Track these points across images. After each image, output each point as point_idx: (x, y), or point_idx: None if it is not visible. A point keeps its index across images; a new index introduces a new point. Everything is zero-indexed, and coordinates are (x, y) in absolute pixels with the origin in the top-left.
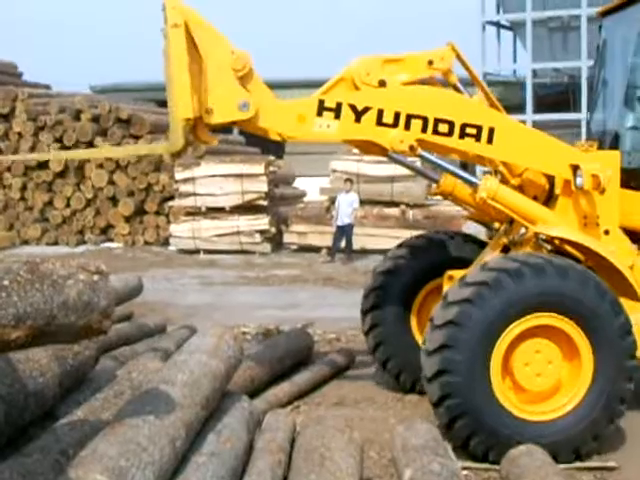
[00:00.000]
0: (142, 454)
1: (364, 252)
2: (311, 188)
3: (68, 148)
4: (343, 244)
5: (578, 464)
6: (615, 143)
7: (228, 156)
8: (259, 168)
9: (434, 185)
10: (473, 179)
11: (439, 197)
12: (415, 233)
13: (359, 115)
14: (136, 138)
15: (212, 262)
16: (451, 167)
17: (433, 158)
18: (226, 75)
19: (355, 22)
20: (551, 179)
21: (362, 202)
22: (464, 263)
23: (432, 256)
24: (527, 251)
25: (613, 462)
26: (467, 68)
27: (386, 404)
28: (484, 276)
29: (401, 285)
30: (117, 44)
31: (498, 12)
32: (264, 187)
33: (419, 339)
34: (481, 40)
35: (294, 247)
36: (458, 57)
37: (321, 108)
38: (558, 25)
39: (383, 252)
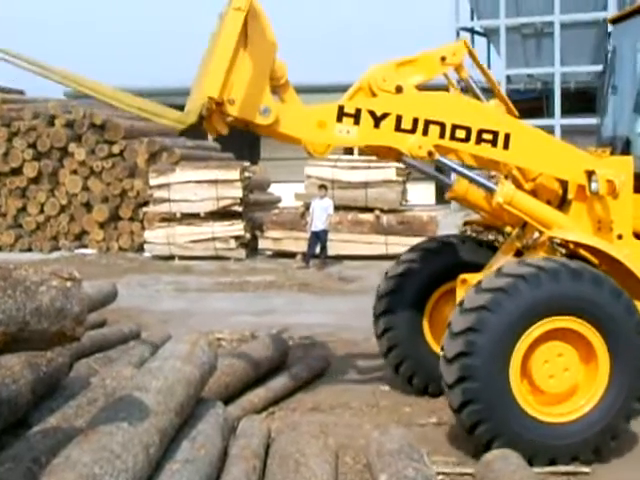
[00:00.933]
0: (115, 461)
1: (339, 258)
2: (286, 194)
3: (42, 154)
4: (318, 250)
5: (552, 468)
6: (626, 148)
7: (203, 162)
8: (234, 174)
9: (447, 189)
10: (490, 184)
11: (410, 202)
12: (390, 238)
13: (378, 121)
14: (111, 144)
15: (187, 268)
16: (468, 172)
17: (451, 163)
18: (261, 76)
19: (322, 27)
20: (564, 184)
21: (337, 208)
22: (475, 267)
23: (443, 260)
24: (541, 255)
25: (587, 467)
26: (480, 67)
27: (361, 410)
28: (500, 282)
29: (413, 289)
30: (92, 49)
31: (472, 18)
32: (239, 193)
33: (431, 342)
34: None
35: (269, 253)
36: (470, 53)
37: (341, 114)
38: (531, 31)
39: (358, 258)
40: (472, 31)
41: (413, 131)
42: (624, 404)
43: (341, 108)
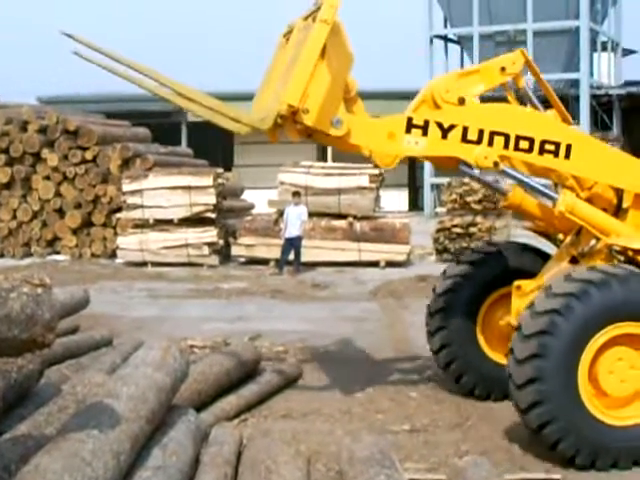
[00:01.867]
0: (86, 469)
1: (312, 264)
2: (259, 200)
3: (14, 159)
4: (291, 256)
5: (524, 475)
6: None
7: (176, 168)
8: (207, 180)
9: (502, 197)
10: (551, 193)
11: (383, 209)
12: (363, 245)
13: (445, 132)
14: (84, 149)
15: (160, 275)
16: (531, 182)
17: (515, 173)
18: (336, 88)
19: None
20: (619, 192)
21: (310, 214)
22: (525, 274)
23: (493, 268)
24: (599, 263)
25: (558, 475)
26: (537, 76)
27: (333, 416)
28: (571, 287)
29: (466, 294)
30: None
31: (445, 26)
32: (212, 199)
33: (482, 345)
34: (429, 54)
35: (242, 260)
36: (527, 63)
37: (410, 126)
38: (504, 39)
39: (331, 264)
40: (445, 39)
41: (479, 142)
42: None
43: (410, 120)
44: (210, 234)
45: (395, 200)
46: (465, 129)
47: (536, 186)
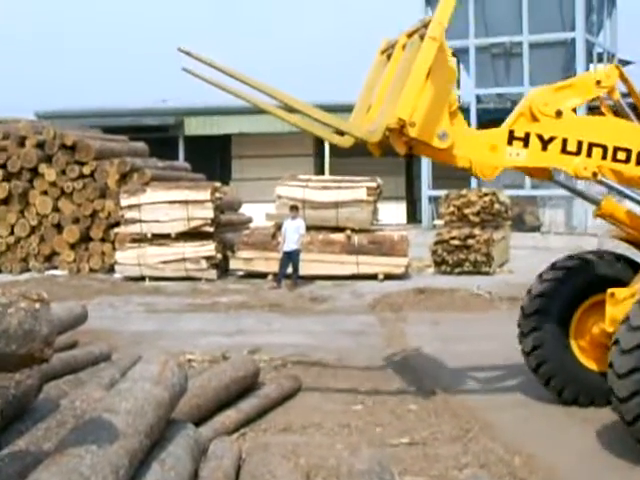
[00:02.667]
0: None
1: (310, 278)
2: (257, 214)
3: (12, 175)
4: (290, 270)
5: None
6: None
7: (174, 182)
8: (205, 194)
9: (595, 207)
10: None
11: (381, 222)
12: (361, 258)
13: (545, 144)
14: (81, 164)
15: (158, 289)
16: (631, 193)
17: (612, 184)
18: (441, 102)
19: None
20: None
21: (308, 228)
22: (618, 282)
23: (588, 274)
24: None
25: None
26: (630, 88)
27: (333, 430)
28: None
29: (558, 305)
30: (63, 70)
31: None
32: (210, 213)
33: (578, 355)
34: None
35: (240, 273)
36: (621, 76)
37: (511, 138)
38: (501, 51)
39: (329, 278)
40: None
41: (578, 153)
42: None
43: (511, 132)
44: (208, 248)
45: (393, 213)
46: (565, 141)
47: (634, 196)
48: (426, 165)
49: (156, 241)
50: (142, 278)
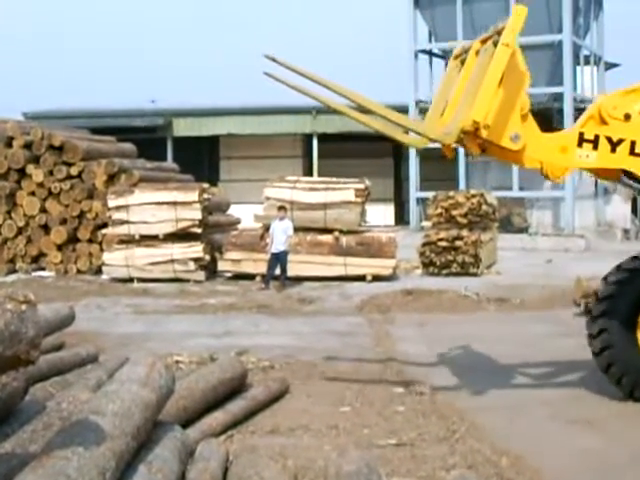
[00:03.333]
0: None
1: (298, 279)
2: (245, 215)
3: (0, 176)
4: (278, 271)
5: None
6: None
7: (162, 184)
8: (193, 195)
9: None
10: None
11: (369, 223)
12: (349, 259)
13: (614, 146)
14: (69, 165)
15: (146, 290)
16: None
17: None
18: (514, 106)
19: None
20: None
21: (296, 229)
22: None
23: None
24: None
25: None
26: None
27: (320, 432)
28: None
29: (625, 305)
30: (51, 70)
31: (430, 40)
32: (198, 214)
33: None
34: (413, 68)
35: (228, 275)
36: None
37: (581, 140)
38: None
39: (317, 279)
40: (430, 53)
41: None
42: None
43: (581, 134)
44: (196, 249)
45: (381, 214)
46: (633, 143)
47: None
48: (414, 167)
49: (144, 242)
50: (130, 279)
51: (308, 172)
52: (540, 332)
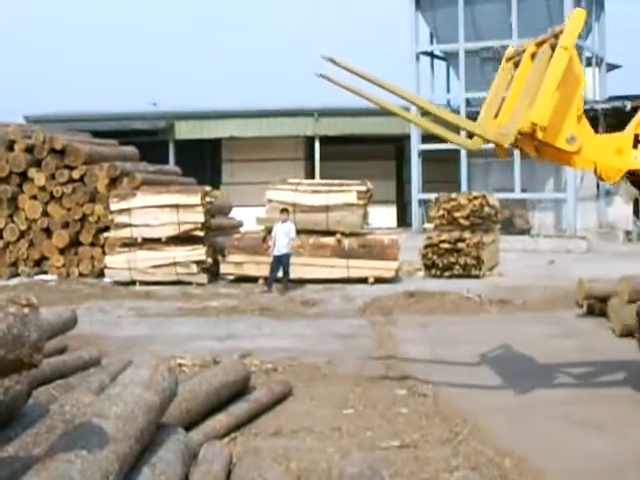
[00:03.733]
0: None
1: (301, 282)
2: (248, 218)
3: (1, 179)
4: (280, 274)
5: None
6: None
7: (164, 187)
8: (195, 198)
9: None
10: None
11: (372, 225)
12: (351, 262)
13: None
14: (71, 169)
15: (148, 293)
16: None
17: None
18: (570, 108)
19: (282, 52)
20: None
21: (298, 232)
22: None
23: None
24: None
25: None
26: None
27: (323, 434)
28: None
29: None
30: (52, 74)
31: (431, 43)
32: (200, 217)
33: None
34: (415, 70)
35: (231, 277)
36: None
37: (636, 141)
38: (490, 55)
39: (320, 281)
40: (432, 55)
41: None
42: None
43: (636, 136)
44: (198, 252)
45: (383, 216)
46: None
47: None
48: (416, 169)
49: (146, 245)
50: (132, 282)
51: (310, 174)
52: (543, 333)
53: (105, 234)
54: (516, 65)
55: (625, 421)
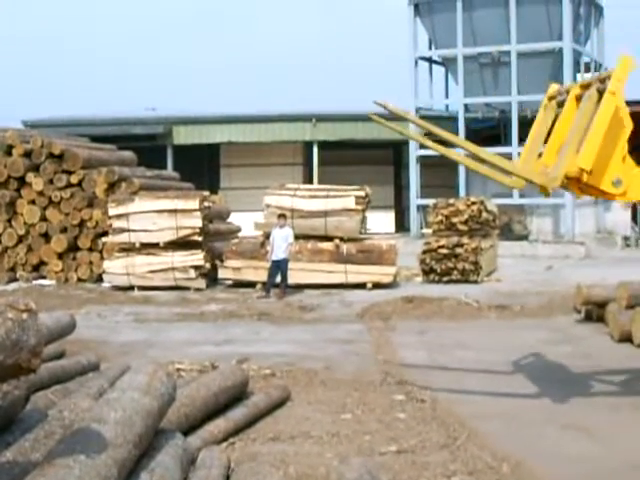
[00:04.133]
0: None
1: (299, 287)
2: (246, 223)
3: (0, 184)
4: (278, 279)
5: None
6: None
7: (162, 192)
8: (193, 203)
9: None
10: None
11: (370, 231)
12: (349, 267)
13: None
14: (69, 173)
15: (146, 298)
16: None
17: None
18: (616, 151)
19: (281, 56)
20: None
21: (296, 237)
22: None
23: None
24: None
25: None
26: None
27: (322, 439)
28: None
29: None
30: (50, 78)
31: (430, 48)
32: (198, 222)
33: None
34: (413, 75)
35: (229, 282)
36: None
37: None
38: (488, 61)
39: (318, 287)
40: (430, 60)
41: None
42: None
43: None
44: (197, 257)
45: (381, 221)
46: None
47: None
48: (414, 174)
49: (144, 250)
50: (130, 287)
51: (308, 180)
52: (541, 339)
53: (103, 239)
54: (559, 105)
55: (622, 426)
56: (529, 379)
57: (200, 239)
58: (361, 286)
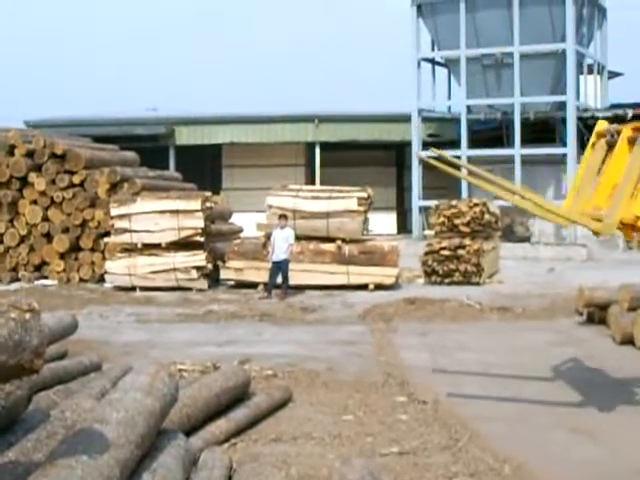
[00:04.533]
0: None
1: (301, 288)
2: (248, 224)
3: (1, 184)
4: (279, 280)
5: None
6: None
7: (164, 192)
8: (195, 204)
9: None
10: None
11: (372, 232)
12: (351, 268)
13: None
14: (71, 174)
15: (148, 299)
16: None
17: None
18: None
19: (283, 57)
20: None
21: (298, 237)
22: None
23: None
24: None
25: None
26: None
27: (323, 440)
28: None
29: None
30: (53, 78)
31: (433, 49)
32: (200, 223)
33: None
34: (416, 77)
35: (231, 283)
36: None
37: None
38: (491, 62)
39: (319, 288)
40: (433, 62)
41: None
42: None
43: None
44: (199, 258)
45: (384, 223)
46: None
47: None
48: (416, 175)
49: (146, 251)
50: (132, 288)
51: (310, 180)
52: (543, 341)
53: (105, 239)
54: (609, 145)
55: (623, 429)
56: (530, 381)
57: (202, 240)
58: (363, 287)
